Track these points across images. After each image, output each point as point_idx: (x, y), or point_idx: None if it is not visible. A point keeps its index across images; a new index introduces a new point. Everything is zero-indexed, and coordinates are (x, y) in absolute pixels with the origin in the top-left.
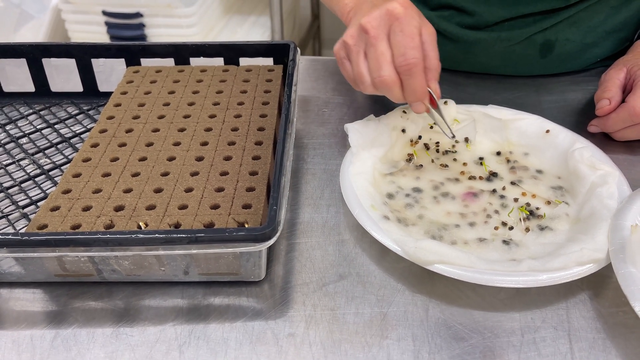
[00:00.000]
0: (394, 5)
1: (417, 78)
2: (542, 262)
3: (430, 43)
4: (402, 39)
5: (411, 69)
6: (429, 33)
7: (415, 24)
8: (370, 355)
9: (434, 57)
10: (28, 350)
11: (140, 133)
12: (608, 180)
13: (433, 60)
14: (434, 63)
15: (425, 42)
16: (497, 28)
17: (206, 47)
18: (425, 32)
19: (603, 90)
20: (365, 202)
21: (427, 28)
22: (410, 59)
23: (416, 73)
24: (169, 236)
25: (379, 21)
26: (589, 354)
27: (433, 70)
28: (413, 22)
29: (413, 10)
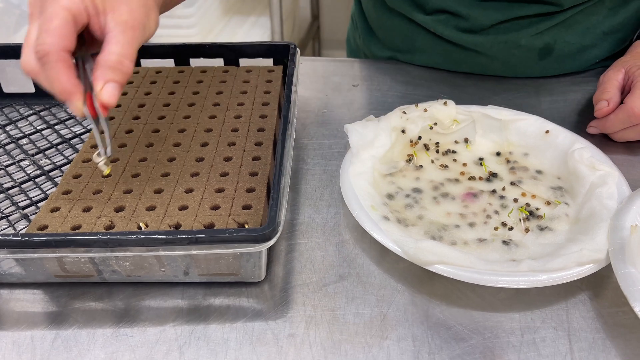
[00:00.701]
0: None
1: (51, 70)
2: (542, 263)
3: (115, 33)
4: (42, 19)
5: (42, 57)
6: (117, 21)
7: (64, 3)
8: (371, 355)
9: (112, 52)
10: (28, 351)
11: (140, 134)
12: (608, 180)
13: (109, 56)
14: (110, 59)
15: (107, 32)
16: (493, 31)
17: (206, 47)
18: (110, 19)
19: (601, 91)
20: (365, 202)
21: (113, 15)
22: (40, 44)
23: (48, 62)
24: (169, 237)
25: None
26: (589, 354)
27: (105, 68)
28: (61, 1)
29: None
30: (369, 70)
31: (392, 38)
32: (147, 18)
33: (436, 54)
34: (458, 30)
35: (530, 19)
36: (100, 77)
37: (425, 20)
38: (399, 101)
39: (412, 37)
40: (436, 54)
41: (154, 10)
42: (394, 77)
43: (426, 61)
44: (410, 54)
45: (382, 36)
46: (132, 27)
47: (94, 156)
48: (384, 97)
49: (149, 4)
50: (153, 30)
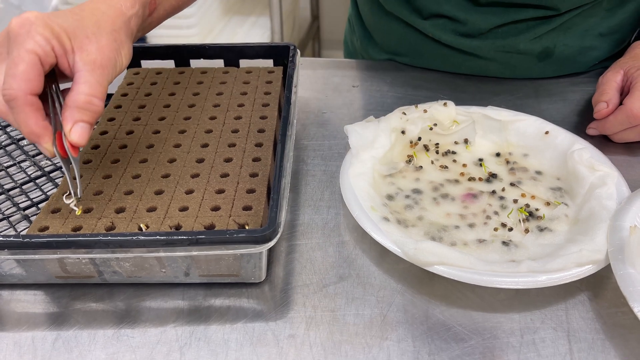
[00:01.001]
0: (11, 23)
1: (19, 114)
2: (542, 263)
3: (83, 73)
4: (8, 63)
5: (10, 102)
6: (85, 61)
7: (29, 46)
8: (371, 356)
9: (80, 92)
10: (29, 352)
11: (140, 135)
12: (607, 181)
13: (77, 96)
14: (79, 99)
15: (76, 72)
16: (491, 35)
17: (206, 48)
18: (78, 59)
19: (600, 93)
20: (365, 203)
21: (81, 55)
22: (6, 88)
23: (15, 107)
24: (169, 238)
25: (2, 39)
26: (588, 354)
27: (73, 109)
28: (26, 44)
29: (38, 28)
30: (369, 71)
31: (390, 41)
32: (118, 54)
33: (434, 58)
34: (456, 35)
35: (528, 23)
36: (69, 117)
37: (423, 25)
38: (398, 102)
39: (410, 41)
40: (434, 57)
41: (126, 44)
42: (393, 78)
43: (424, 64)
44: (408, 57)
45: (380, 39)
46: (100, 66)
47: (63, 197)
48: (384, 98)
49: (120, 39)
50: (126, 63)
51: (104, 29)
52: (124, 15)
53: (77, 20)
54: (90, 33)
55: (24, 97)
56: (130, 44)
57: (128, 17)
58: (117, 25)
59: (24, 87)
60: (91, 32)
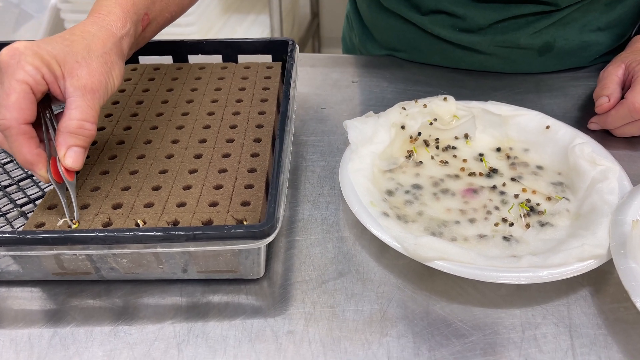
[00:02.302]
0: (2, 52)
1: (13, 143)
2: (543, 258)
3: (75, 99)
4: (0, 94)
5: (4, 131)
6: (76, 86)
7: (20, 76)
8: (370, 352)
9: (72, 118)
10: (26, 349)
11: (138, 131)
12: (608, 175)
13: (69, 122)
14: (71, 125)
15: (68, 97)
16: (491, 31)
17: (204, 44)
18: (69, 84)
19: (602, 87)
20: (365, 198)
21: (72, 80)
22: (1, 119)
23: (9, 136)
24: (167, 234)
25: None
26: (590, 350)
27: (66, 134)
28: (17, 75)
29: (27, 58)
30: (368, 67)
31: (388, 37)
32: (109, 76)
33: (433, 53)
34: (455, 30)
35: (527, 18)
36: (63, 143)
37: (422, 21)
38: (398, 97)
39: (409, 37)
40: (433, 53)
41: (116, 65)
42: (393, 74)
43: (423, 60)
44: (407, 53)
45: (378, 36)
46: (91, 91)
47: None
48: (383, 94)
49: (111, 60)
50: (117, 84)
51: (94, 52)
52: (115, 36)
53: (67, 46)
54: (80, 58)
55: (17, 127)
56: (121, 64)
57: (119, 38)
58: (107, 47)
59: (16, 116)
60: (81, 56)
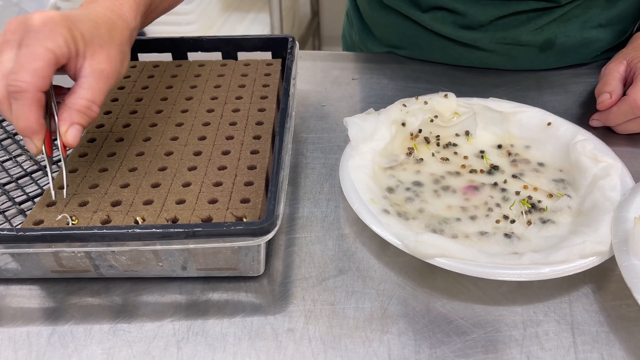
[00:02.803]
0: (34, 16)
1: (23, 107)
2: (544, 255)
3: (89, 79)
4: (24, 55)
5: (17, 93)
6: (93, 68)
7: (50, 45)
8: (371, 350)
9: (82, 97)
10: (25, 347)
11: (137, 128)
12: (610, 172)
13: (79, 100)
14: (80, 104)
15: (82, 76)
16: (492, 27)
17: (204, 41)
18: (87, 65)
19: (603, 84)
20: (365, 196)
21: (91, 62)
22: (19, 80)
23: (22, 100)
24: (166, 231)
25: (17, 26)
26: (592, 347)
27: (73, 111)
28: (48, 42)
29: (61, 29)
30: (369, 64)
31: (388, 35)
32: (122, 65)
33: (434, 50)
34: (456, 27)
35: (528, 15)
36: (67, 119)
37: (422, 18)
38: (398, 94)
39: (409, 34)
40: (434, 49)
41: (128, 56)
42: (393, 71)
43: (424, 56)
44: (407, 50)
45: (378, 33)
46: (106, 76)
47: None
48: (384, 91)
49: (125, 50)
50: (124, 73)
51: (114, 40)
52: (129, 28)
53: (94, 27)
54: (103, 42)
55: (34, 92)
56: (129, 55)
57: (131, 30)
58: (124, 38)
59: (37, 83)
60: (104, 41)
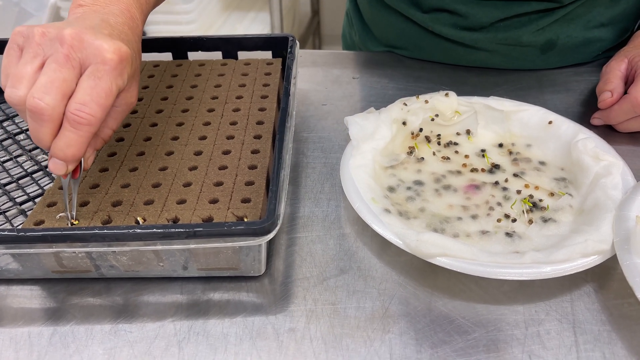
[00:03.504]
0: (104, 44)
1: (80, 137)
2: (546, 254)
3: (119, 110)
4: (96, 88)
5: (80, 124)
6: (125, 101)
7: (120, 83)
8: (372, 349)
9: (109, 128)
10: (26, 347)
11: (138, 128)
12: (612, 170)
13: (106, 131)
14: (106, 134)
15: (114, 105)
16: (493, 29)
17: (204, 40)
18: (122, 97)
19: (604, 82)
20: (366, 195)
21: (126, 95)
22: (88, 113)
23: (83, 131)
24: (166, 231)
25: (79, 43)
26: (594, 346)
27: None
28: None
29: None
30: (369, 63)
31: (389, 35)
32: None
33: (435, 51)
34: (457, 29)
35: (530, 16)
36: (93, 145)
37: (423, 19)
38: (399, 94)
39: (409, 34)
40: (435, 50)
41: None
42: (394, 70)
43: (424, 57)
44: (407, 51)
45: (378, 33)
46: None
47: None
48: (385, 90)
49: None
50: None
51: (137, 52)
52: (140, 39)
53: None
54: (135, 72)
55: (96, 127)
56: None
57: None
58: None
59: (102, 118)
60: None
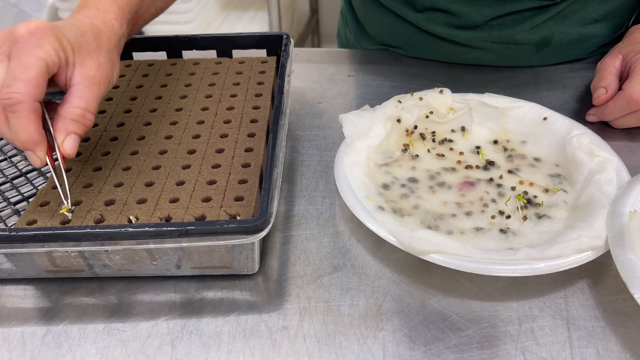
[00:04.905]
0: (20, 27)
1: (21, 119)
2: (540, 251)
3: (81, 87)
4: (16, 66)
5: (13, 105)
6: (84, 76)
7: (41, 54)
8: (365, 347)
9: (76, 106)
10: (19, 347)
11: (131, 127)
12: (606, 166)
13: (73, 109)
14: (74, 113)
15: (73, 85)
16: (487, 27)
17: (199, 39)
18: (77, 73)
19: (599, 79)
20: (360, 192)
21: (81, 69)
22: (13, 92)
23: (19, 111)
24: (159, 229)
25: (3, 38)
26: (588, 342)
27: (68, 121)
28: (38, 51)
29: (50, 38)
30: (365, 61)
31: (383, 34)
32: (112, 72)
33: (429, 50)
34: (450, 27)
35: (524, 14)
36: (63, 129)
37: (416, 18)
38: (394, 92)
39: (404, 34)
40: (429, 49)
41: (117, 63)
42: (390, 68)
43: (419, 55)
44: (402, 49)
45: (373, 32)
46: (98, 83)
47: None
48: (380, 88)
49: (114, 57)
50: (115, 81)
51: (102, 46)
52: (116, 35)
53: (80, 35)
54: (91, 49)
55: (31, 102)
56: (119, 62)
57: (119, 37)
58: (112, 44)
59: (32, 92)
60: (92, 48)
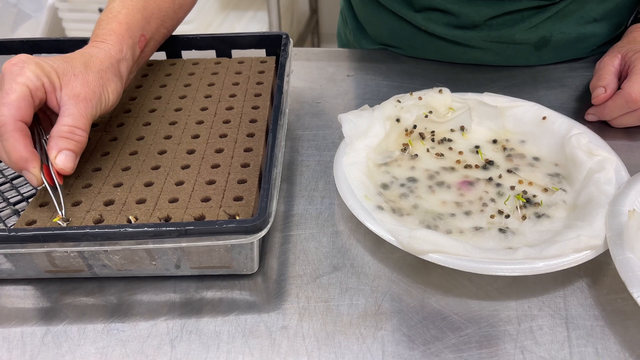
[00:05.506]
0: (5, 63)
1: (8, 140)
2: (539, 250)
3: (68, 106)
4: (0, 94)
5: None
6: (70, 95)
7: (21, 80)
8: (365, 346)
9: (64, 124)
10: (19, 347)
11: (131, 127)
12: (605, 166)
13: (61, 127)
14: (62, 130)
15: (62, 105)
16: (486, 27)
17: (198, 39)
18: (64, 93)
19: (598, 78)
20: (359, 192)
21: (67, 90)
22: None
23: (4, 133)
24: (158, 229)
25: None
26: (587, 341)
27: (58, 138)
28: (19, 78)
29: (30, 66)
30: (364, 61)
31: (382, 33)
32: (103, 89)
33: (428, 49)
34: (449, 27)
35: (523, 13)
36: (54, 146)
37: (415, 18)
38: (394, 91)
39: (403, 33)
40: (428, 49)
41: (112, 82)
42: (389, 67)
43: (418, 55)
44: (401, 49)
45: (372, 32)
46: (84, 100)
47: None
48: (379, 87)
49: (106, 76)
50: (113, 99)
51: (91, 68)
52: (112, 57)
53: (66, 62)
54: (77, 71)
55: (13, 123)
56: (117, 82)
57: (116, 60)
58: (104, 65)
59: (14, 113)
60: (78, 70)
